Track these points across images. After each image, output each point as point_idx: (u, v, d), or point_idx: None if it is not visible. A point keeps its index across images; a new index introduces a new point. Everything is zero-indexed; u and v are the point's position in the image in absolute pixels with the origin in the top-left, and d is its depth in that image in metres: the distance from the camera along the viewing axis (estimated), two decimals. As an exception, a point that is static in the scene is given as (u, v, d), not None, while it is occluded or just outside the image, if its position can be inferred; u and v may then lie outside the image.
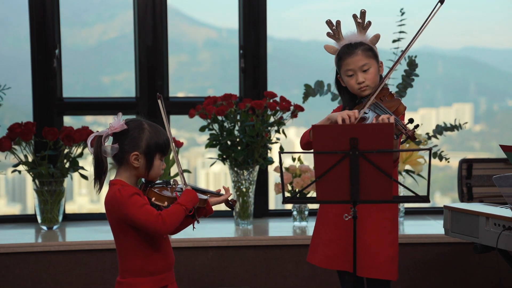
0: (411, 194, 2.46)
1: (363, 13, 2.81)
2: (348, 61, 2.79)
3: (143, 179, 2.48)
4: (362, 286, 2.89)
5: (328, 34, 2.86)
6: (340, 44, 2.83)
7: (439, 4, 2.71)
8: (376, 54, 2.82)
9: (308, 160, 4.14)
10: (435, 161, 3.99)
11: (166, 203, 2.41)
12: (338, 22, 2.84)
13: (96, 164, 2.41)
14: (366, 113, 2.72)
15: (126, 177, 2.42)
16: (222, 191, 2.62)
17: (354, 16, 2.82)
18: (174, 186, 2.51)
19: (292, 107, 3.82)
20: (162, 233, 2.35)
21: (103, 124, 4.59)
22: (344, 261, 2.80)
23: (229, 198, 2.64)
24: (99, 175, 2.42)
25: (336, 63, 2.86)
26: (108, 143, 2.41)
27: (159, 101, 2.50)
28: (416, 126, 2.56)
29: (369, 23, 2.82)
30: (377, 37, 2.82)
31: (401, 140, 2.61)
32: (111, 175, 2.51)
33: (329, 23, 2.85)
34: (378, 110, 2.69)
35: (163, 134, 2.44)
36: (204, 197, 2.54)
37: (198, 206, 2.49)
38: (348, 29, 2.86)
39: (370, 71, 2.78)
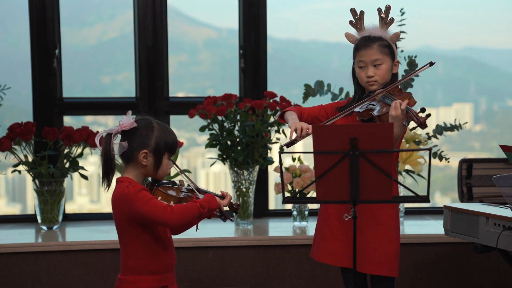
0: (411, 194, 2.47)
1: (387, 9, 2.82)
2: (362, 53, 2.82)
3: (149, 178, 2.49)
4: (365, 283, 2.89)
5: (350, 23, 2.88)
6: (361, 35, 2.86)
7: (428, 65, 2.77)
8: (392, 52, 2.83)
9: (308, 160, 4.14)
10: (435, 161, 3.99)
11: (172, 203, 2.42)
12: (361, 12, 2.86)
13: (105, 162, 2.41)
14: (374, 105, 2.74)
15: (133, 175, 2.43)
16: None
17: (379, 10, 2.83)
18: (180, 186, 2.52)
19: (292, 107, 3.82)
20: (170, 224, 2.33)
21: (103, 124, 4.60)
22: (347, 258, 2.81)
23: (233, 202, 2.65)
24: (107, 173, 2.42)
25: (353, 52, 2.88)
26: (116, 141, 2.42)
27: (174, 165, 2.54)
28: (428, 115, 2.57)
29: (392, 20, 2.83)
30: (397, 36, 2.83)
31: (411, 126, 2.61)
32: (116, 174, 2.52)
33: (353, 11, 2.87)
34: (388, 100, 2.71)
35: (172, 134, 2.46)
36: None
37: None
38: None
39: (382, 67, 2.80)
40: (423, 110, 2.61)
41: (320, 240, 2.91)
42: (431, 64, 2.78)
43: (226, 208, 2.58)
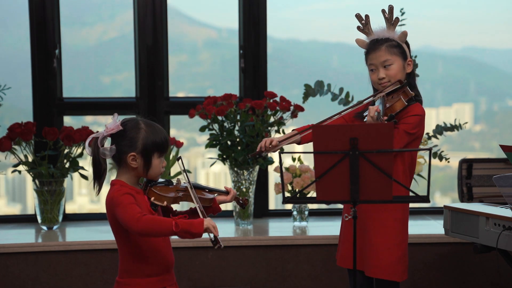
0: (411, 194, 2.46)
1: (390, 9, 2.82)
2: (371, 56, 2.83)
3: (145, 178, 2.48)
4: (371, 286, 2.89)
5: (358, 28, 2.89)
6: (370, 39, 2.86)
7: (398, 83, 2.80)
8: (403, 51, 2.82)
9: (308, 160, 4.14)
10: (435, 161, 3.99)
11: (165, 203, 2.40)
12: (367, 17, 2.86)
13: (94, 166, 2.40)
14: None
15: (126, 177, 2.41)
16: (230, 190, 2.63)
17: (383, 11, 2.84)
18: (177, 185, 2.50)
19: (292, 107, 3.82)
20: (132, 230, 2.27)
21: (103, 124, 4.58)
22: (352, 261, 2.82)
23: (240, 197, 2.65)
24: (98, 177, 2.41)
25: (364, 57, 2.90)
26: (107, 144, 2.41)
27: (179, 162, 2.50)
28: (394, 123, 2.58)
29: (397, 19, 2.84)
30: (404, 34, 2.83)
31: None
32: (111, 175, 2.51)
33: (358, 17, 2.88)
34: (381, 105, 2.73)
35: (161, 132, 2.42)
36: (211, 196, 2.54)
37: (205, 205, 2.49)
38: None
39: (392, 68, 2.80)
40: (391, 117, 2.63)
41: (339, 243, 2.99)
42: (401, 82, 2.80)
43: (223, 206, 2.56)
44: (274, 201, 4.45)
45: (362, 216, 2.80)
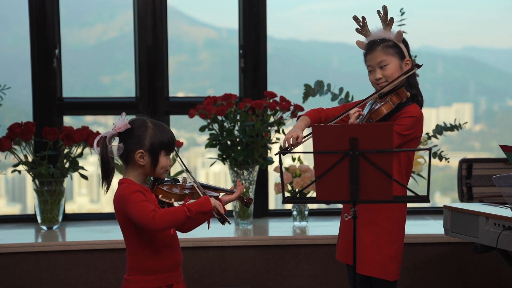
0: (411, 194, 2.46)
1: (385, 9, 2.83)
2: (368, 58, 2.86)
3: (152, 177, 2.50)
4: (369, 283, 2.89)
5: (357, 30, 2.92)
6: (368, 40, 2.88)
7: (416, 67, 2.82)
8: (400, 51, 2.83)
9: (308, 160, 4.14)
10: (435, 161, 3.99)
11: (172, 200, 2.44)
12: (363, 18, 2.88)
13: (103, 165, 2.43)
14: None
15: (133, 176, 2.45)
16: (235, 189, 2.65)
17: (378, 12, 2.85)
18: (183, 184, 2.53)
19: (292, 107, 3.82)
20: (152, 229, 2.32)
21: (103, 124, 4.60)
22: (348, 256, 2.84)
23: (244, 196, 2.67)
24: (106, 176, 2.45)
25: (363, 58, 2.92)
26: (115, 143, 2.44)
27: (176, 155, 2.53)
28: None
29: (392, 19, 2.85)
30: (400, 34, 2.84)
31: None
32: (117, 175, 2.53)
33: (355, 19, 2.90)
34: (374, 105, 2.77)
35: (168, 132, 2.47)
36: (215, 194, 2.56)
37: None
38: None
39: (388, 68, 2.81)
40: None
41: (337, 239, 3.01)
42: (418, 66, 2.81)
43: (229, 207, 2.57)
44: (274, 201, 4.45)
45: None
